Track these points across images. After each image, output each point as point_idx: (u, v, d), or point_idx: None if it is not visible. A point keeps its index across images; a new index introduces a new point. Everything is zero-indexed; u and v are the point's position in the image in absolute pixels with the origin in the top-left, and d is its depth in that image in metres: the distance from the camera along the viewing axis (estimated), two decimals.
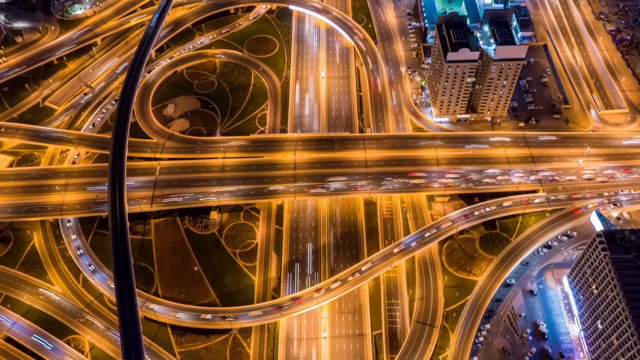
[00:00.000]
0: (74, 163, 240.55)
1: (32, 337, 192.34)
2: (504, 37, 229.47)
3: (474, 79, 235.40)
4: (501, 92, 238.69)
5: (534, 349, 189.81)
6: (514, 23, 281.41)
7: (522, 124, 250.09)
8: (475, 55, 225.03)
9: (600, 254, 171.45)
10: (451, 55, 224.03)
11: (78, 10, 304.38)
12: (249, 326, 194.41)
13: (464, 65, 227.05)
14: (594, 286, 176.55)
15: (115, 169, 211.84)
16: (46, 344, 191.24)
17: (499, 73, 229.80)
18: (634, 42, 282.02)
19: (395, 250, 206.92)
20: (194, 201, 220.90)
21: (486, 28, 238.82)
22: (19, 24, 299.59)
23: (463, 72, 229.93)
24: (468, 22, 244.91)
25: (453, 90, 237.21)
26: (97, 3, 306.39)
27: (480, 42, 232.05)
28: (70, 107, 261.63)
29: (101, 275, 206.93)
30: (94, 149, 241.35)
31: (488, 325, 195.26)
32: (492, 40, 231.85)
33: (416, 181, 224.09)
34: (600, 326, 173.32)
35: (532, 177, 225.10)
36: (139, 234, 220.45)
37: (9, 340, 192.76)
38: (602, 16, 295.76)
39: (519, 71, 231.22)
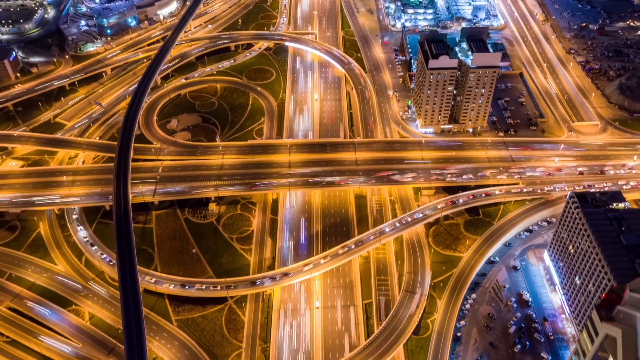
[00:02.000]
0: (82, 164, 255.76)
1: (33, 305, 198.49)
2: (479, 49, 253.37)
3: (455, 91, 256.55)
4: (480, 101, 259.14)
5: (518, 314, 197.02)
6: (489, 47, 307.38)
7: (501, 134, 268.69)
8: (454, 62, 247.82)
9: (574, 212, 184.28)
10: (432, 63, 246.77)
11: (90, 48, 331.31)
12: (244, 294, 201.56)
13: (444, 73, 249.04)
14: (570, 247, 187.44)
15: (122, 156, 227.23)
16: (47, 312, 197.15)
17: (477, 81, 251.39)
18: (602, 70, 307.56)
19: (387, 229, 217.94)
20: (193, 191, 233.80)
21: (464, 45, 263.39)
22: (35, 59, 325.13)
23: (444, 80, 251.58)
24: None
25: (436, 99, 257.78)
26: (109, 42, 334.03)
27: (459, 55, 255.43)
28: (79, 122, 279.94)
29: (104, 256, 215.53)
30: (101, 153, 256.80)
31: (474, 295, 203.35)
32: (469, 53, 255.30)
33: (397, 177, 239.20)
34: (578, 281, 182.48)
35: (512, 172, 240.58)
36: (140, 223, 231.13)
37: (12, 310, 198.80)
38: (572, 51, 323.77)
39: (495, 80, 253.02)
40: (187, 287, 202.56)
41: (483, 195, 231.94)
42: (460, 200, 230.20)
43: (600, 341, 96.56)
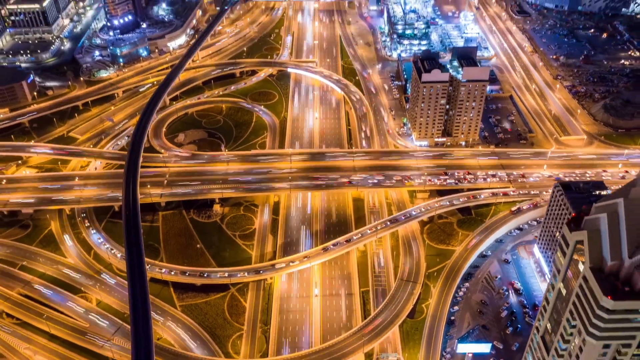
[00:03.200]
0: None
1: (42, 290, 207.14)
2: (469, 64, 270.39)
3: (447, 106, 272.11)
4: (471, 115, 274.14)
5: (510, 301, 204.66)
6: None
7: (493, 146, 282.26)
8: (445, 76, 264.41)
9: (559, 199, 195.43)
10: (425, 77, 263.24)
11: (103, 74, 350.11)
12: (246, 281, 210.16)
13: (437, 86, 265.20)
14: (557, 233, 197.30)
15: (133, 153, 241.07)
16: (56, 297, 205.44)
17: (468, 94, 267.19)
18: (587, 93, 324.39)
19: (381, 226, 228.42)
20: (199, 193, 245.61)
21: (455, 63, 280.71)
22: (51, 83, 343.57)
23: (437, 93, 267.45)
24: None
25: (429, 112, 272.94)
26: (121, 68, 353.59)
27: (450, 71, 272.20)
28: (92, 137, 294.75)
29: (111, 250, 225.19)
30: (112, 161, 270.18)
31: (467, 284, 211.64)
32: (460, 69, 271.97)
33: (397, 178, 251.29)
34: None
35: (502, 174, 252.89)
36: (147, 222, 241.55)
37: (23, 296, 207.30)
38: (559, 77, 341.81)
39: (485, 93, 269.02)
40: (187, 274, 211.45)
41: (482, 197, 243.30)
42: (461, 200, 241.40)
43: (571, 251, 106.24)
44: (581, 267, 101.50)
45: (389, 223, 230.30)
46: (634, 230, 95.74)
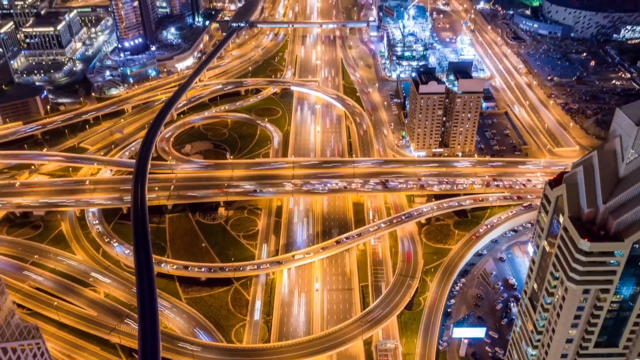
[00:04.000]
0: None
1: (52, 284, 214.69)
2: (464, 77, 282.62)
3: (444, 118, 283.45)
4: (467, 126, 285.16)
5: (504, 295, 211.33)
6: None
7: (489, 157, 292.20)
8: (442, 88, 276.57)
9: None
10: (422, 88, 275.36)
11: (113, 91, 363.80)
12: (249, 275, 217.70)
13: (434, 97, 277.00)
14: None
15: (142, 154, 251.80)
16: (66, 289, 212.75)
17: (463, 106, 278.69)
18: (580, 109, 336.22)
19: (382, 225, 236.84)
20: (204, 197, 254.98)
21: (451, 77, 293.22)
22: (63, 100, 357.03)
23: (434, 104, 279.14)
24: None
25: (427, 123, 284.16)
26: (131, 86, 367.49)
27: (447, 84, 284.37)
28: (102, 147, 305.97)
29: (120, 248, 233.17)
30: (122, 167, 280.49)
31: (463, 280, 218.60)
32: (455, 83, 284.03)
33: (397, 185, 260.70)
34: None
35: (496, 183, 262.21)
36: (154, 223, 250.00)
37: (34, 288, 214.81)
38: (552, 95, 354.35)
39: (480, 104, 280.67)
40: (189, 269, 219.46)
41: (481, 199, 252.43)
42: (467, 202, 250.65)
43: (553, 207, 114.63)
44: (562, 220, 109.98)
45: (397, 220, 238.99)
46: (607, 179, 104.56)
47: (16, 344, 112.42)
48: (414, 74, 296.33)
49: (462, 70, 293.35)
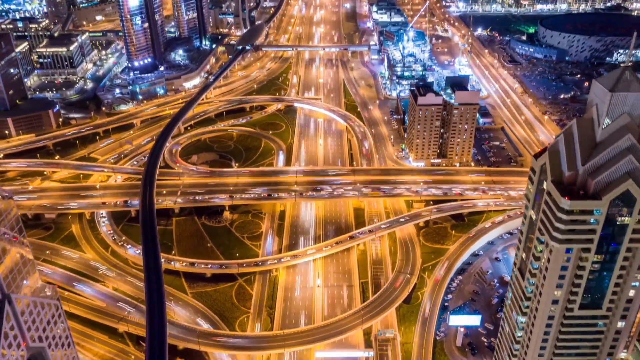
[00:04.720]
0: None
1: (62, 279, 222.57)
2: (461, 90, 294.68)
3: (442, 129, 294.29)
4: (464, 137, 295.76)
5: (500, 291, 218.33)
6: None
7: (486, 167, 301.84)
8: (439, 99, 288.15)
9: None
10: (421, 100, 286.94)
11: (123, 107, 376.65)
12: (252, 271, 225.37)
13: (431, 109, 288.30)
14: None
15: (153, 156, 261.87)
16: (76, 283, 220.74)
17: (460, 117, 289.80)
18: None
19: (382, 226, 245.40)
20: (210, 201, 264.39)
21: (449, 90, 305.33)
22: (75, 115, 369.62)
23: (432, 115, 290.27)
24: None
25: (425, 133, 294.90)
26: (140, 102, 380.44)
27: (444, 96, 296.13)
28: (111, 157, 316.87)
29: (131, 250, 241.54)
30: (130, 174, 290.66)
31: (460, 277, 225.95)
32: (452, 95, 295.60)
33: (396, 190, 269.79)
34: None
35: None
36: (162, 225, 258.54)
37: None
38: (547, 112, 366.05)
39: (476, 116, 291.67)
40: (195, 265, 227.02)
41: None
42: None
43: (537, 176, 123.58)
44: (545, 185, 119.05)
45: (392, 223, 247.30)
46: (586, 144, 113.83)
47: (37, 300, 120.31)
48: (412, 88, 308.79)
49: (458, 83, 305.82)
